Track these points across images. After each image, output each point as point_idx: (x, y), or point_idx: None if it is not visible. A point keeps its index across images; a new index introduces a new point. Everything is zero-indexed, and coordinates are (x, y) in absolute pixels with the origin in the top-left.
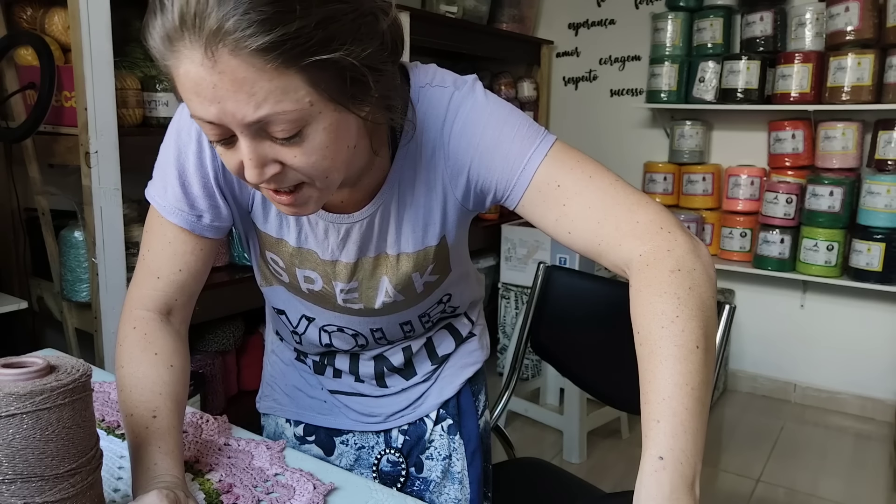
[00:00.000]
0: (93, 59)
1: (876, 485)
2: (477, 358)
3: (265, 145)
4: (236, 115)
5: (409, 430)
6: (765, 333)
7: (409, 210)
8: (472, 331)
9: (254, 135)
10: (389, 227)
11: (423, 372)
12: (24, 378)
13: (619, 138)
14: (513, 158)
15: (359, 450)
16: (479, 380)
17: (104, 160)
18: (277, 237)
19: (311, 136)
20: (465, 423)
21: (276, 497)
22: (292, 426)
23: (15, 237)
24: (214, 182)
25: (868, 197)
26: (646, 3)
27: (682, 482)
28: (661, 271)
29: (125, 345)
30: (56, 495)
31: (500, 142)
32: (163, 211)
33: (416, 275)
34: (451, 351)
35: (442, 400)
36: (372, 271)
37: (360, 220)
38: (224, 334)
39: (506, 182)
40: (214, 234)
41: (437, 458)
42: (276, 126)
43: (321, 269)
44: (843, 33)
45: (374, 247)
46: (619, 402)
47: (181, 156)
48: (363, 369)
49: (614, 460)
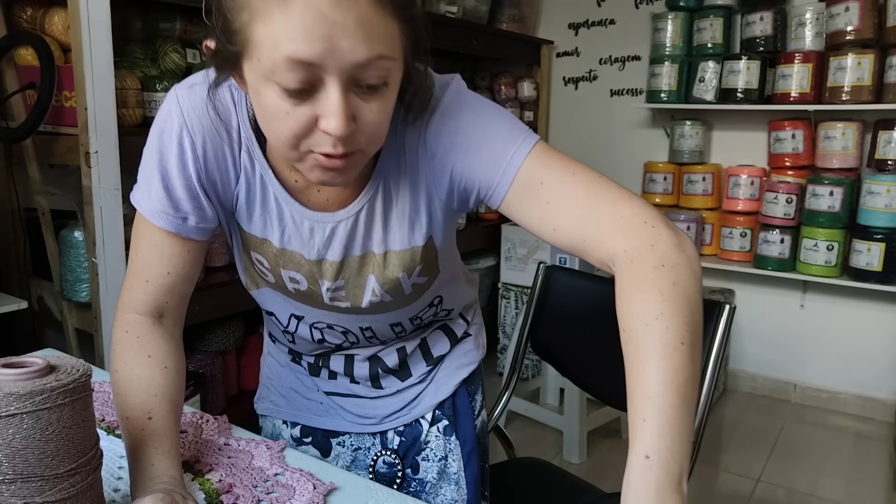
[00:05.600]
0: (93, 59)
1: (876, 485)
2: (472, 358)
3: (350, 97)
4: (348, 53)
5: (404, 432)
6: (765, 333)
7: (395, 208)
8: (468, 331)
9: (347, 82)
10: (375, 225)
11: (418, 373)
12: (24, 378)
13: (619, 138)
14: (496, 157)
15: (355, 451)
16: (476, 380)
17: (104, 160)
18: (262, 237)
19: (391, 89)
20: (461, 423)
21: (276, 497)
22: (289, 427)
23: (15, 237)
24: (198, 183)
25: (868, 197)
26: (646, 3)
27: (669, 480)
28: (645, 268)
29: (118, 349)
30: (56, 495)
31: (483, 140)
32: (148, 215)
33: (404, 275)
34: (445, 352)
35: (437, 401)
36: (358, 270)
37: (345, 219)
38: (224, 334)
39: (489, 180)
40: (200, 236)
41: (433, 459)
42: (372, 72)
43: (306, 270)
44: (843, 33)
45: (361, 245)
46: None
47: (163, 158)
48: (358, 371)
49: (614, 460)
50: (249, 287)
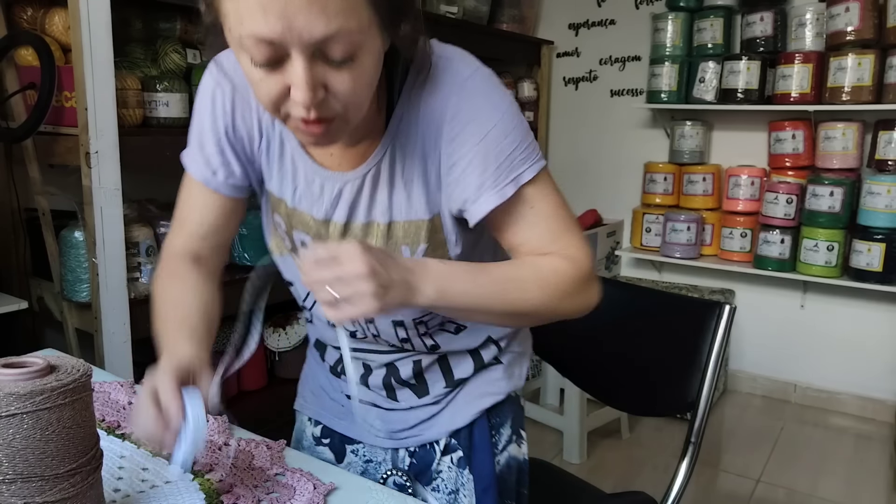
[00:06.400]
0: (93, 59)
1: (876, 485)
2: (499, 388)
3: (318, 67)
4: (304, 31)
5: (416, 454)
6: (765, 333)
7: (402, 174)
8: (499, 357)
9: (311, 55)
10: (380, 190)
11: (436, 392)
12: (24, 378)
13: (620, 138)
14: (501, 173)
15: (366, 462)
16: (503, 412)
17: (104, 160)
18: (279, 196)
19: (362, 60)
20: (477, 457)
21: (276, 497)
22: (313, 426)
23: (15, 237)
24: (225, 138)
25: (868, 197)
26: (646, 4)
27: (445, 277)
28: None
29: (157, 281)
30: (56, 495)
31: (494, 151)
32: (187, 167)
33: (406, 249)
34: (467, 375)
35: (453, 427)
36: (362, 238)
37: (353, 180)
38: (224, 334)
39: (483, 189)
40: (229, 192)
41: (443, 490)
42: (336, 46)
43: (313, 232)
44: (844, 33)
45: (365, 211)
46: (619, 402)
47: (199, 115)
48: (373, 379)
49: (614, 460)
50: (273, 254)
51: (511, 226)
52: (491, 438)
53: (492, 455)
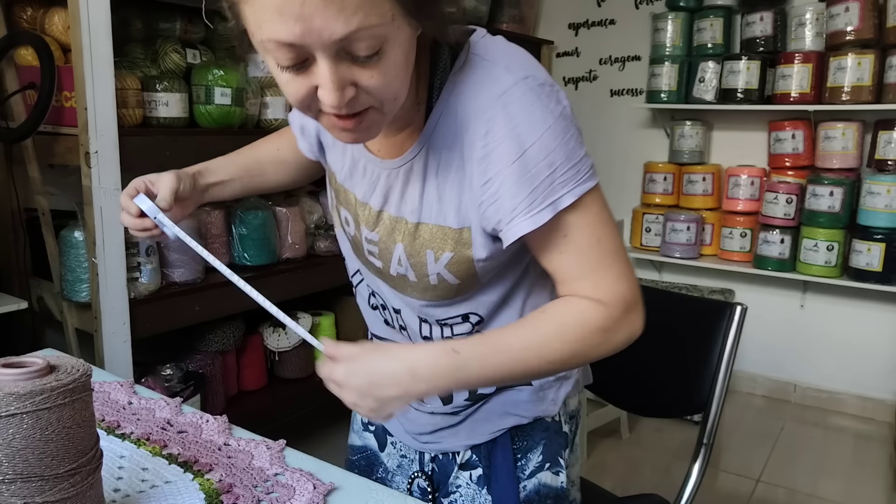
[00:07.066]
0: (93, 59)
1: (876, 485)
2: (526, 411)
3: (343, 67)
4: (324, 31)
5: (437, 460)
6: (765, 333)
7: (434, 178)
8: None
9: (335, 55)
10: (412, 185)
11: (458, 402)
12: (24, 378)
13: (620, 138)
14: (540, 195)
15: (401, 457)
16: (532, 436)
17: (104, 160)
18: (332, 170)
19: (390, 53)
20: (498, 478)
21: (276, 497)
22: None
23: (15, 237)
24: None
25: (868, 197)
26: (646, 3)
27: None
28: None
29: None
30: (56, 495)
31: (538, 171)
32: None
33: (431, 255)
34: (490, 391)
35: (471, 442)
36: (390, 231)
37: (391, 169)
38: (224, 334)
39: (520, 210)
40: (305, 150)
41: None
42: (360, 43)
43: (353, 211)
44: (843, 33)
45: (396, 204)
46: (619, 402)
47: None
48: None
49: (614, 460)
50: (337, 228)
51: (544, 253)
52: (515, 462)
53: (514, 479)
